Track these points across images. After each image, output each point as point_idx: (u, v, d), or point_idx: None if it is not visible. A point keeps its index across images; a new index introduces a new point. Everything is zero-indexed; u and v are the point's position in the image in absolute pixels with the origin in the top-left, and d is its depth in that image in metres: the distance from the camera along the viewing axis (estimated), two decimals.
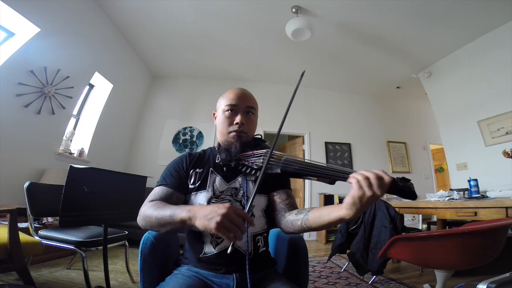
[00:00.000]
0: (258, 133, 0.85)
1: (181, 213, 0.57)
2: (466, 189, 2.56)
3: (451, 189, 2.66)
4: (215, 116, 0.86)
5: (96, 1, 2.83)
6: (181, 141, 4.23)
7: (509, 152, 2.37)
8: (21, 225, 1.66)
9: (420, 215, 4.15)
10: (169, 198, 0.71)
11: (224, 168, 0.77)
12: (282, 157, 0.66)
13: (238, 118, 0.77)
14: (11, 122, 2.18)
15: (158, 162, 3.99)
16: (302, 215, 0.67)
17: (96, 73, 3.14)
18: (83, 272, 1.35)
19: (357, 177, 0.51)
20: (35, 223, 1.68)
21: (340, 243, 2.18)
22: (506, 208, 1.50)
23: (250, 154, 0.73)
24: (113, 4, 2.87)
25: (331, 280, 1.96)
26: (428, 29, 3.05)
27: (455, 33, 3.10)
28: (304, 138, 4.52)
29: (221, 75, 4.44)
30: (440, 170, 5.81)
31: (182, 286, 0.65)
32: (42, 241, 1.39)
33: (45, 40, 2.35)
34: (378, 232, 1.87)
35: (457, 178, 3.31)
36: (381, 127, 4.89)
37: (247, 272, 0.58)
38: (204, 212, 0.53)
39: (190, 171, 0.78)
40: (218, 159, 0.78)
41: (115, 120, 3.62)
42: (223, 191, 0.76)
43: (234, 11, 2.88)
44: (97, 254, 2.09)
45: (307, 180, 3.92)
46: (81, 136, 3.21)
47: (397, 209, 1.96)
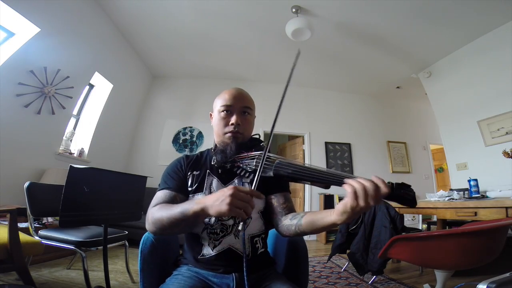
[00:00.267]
0: (257, 133, 0.84)
1: (192, 207, 0.57)
2: (466, 189, 2.55)
3: (451, 189, 2.65)
4: (212, 117, 0.84)
5: (96, 1, 2.83)
6: (181, 141, 4.23)
7: (509, 152, 2.36)
8: (21, 225, 1.66)
9: (420, 215, 4.14)
10: (172, 200, 0.71)
11: (220, 170, 0.77)
12: (276, 160, 0.64)
13: (234, 118, 0.76)
14: (11, 122, 2.18)
15: (158, 162, 3.99)
16: (296, 221, 0.67)
17: (96, 73, 3.14)
18: (83, 272, 1.35)
19: (354, 185, 0.50)
20: (35, 223, 1.68)
21: (340, 243, 2.18)
22: (506, 208, 1.50)
23: (245, 156, 0.72)
24: (113, 4, 2.87)
25: (331, 280, 1.96)
26: (428, 29, 3.05)
27: (455, 33, 3.10)
28: (304, 138, 4.52)
29: (221, 75, 4.44)
30: (440, 170, 5.82)
31: (183, 287, 0.65)
32: (42, 241, 1.39)
33: (45, 40, 2.35)
34: (378, 232, 1.87)
35: (457, 178, 3.31)
36: (381, 127, 4.89)
37: (245, 274, 0.58)
38: (213, 199, 0.54)
39: (188, 174, 0.78)
40: (214, 161, 0.78)
41: (115, 120, 3.62)
42: None
43: (234, 11, 2.88)
44: (97, 254, 2.09)
45: None
46: (81, 136, 3.21)
47: (397, 209, 1.95)
